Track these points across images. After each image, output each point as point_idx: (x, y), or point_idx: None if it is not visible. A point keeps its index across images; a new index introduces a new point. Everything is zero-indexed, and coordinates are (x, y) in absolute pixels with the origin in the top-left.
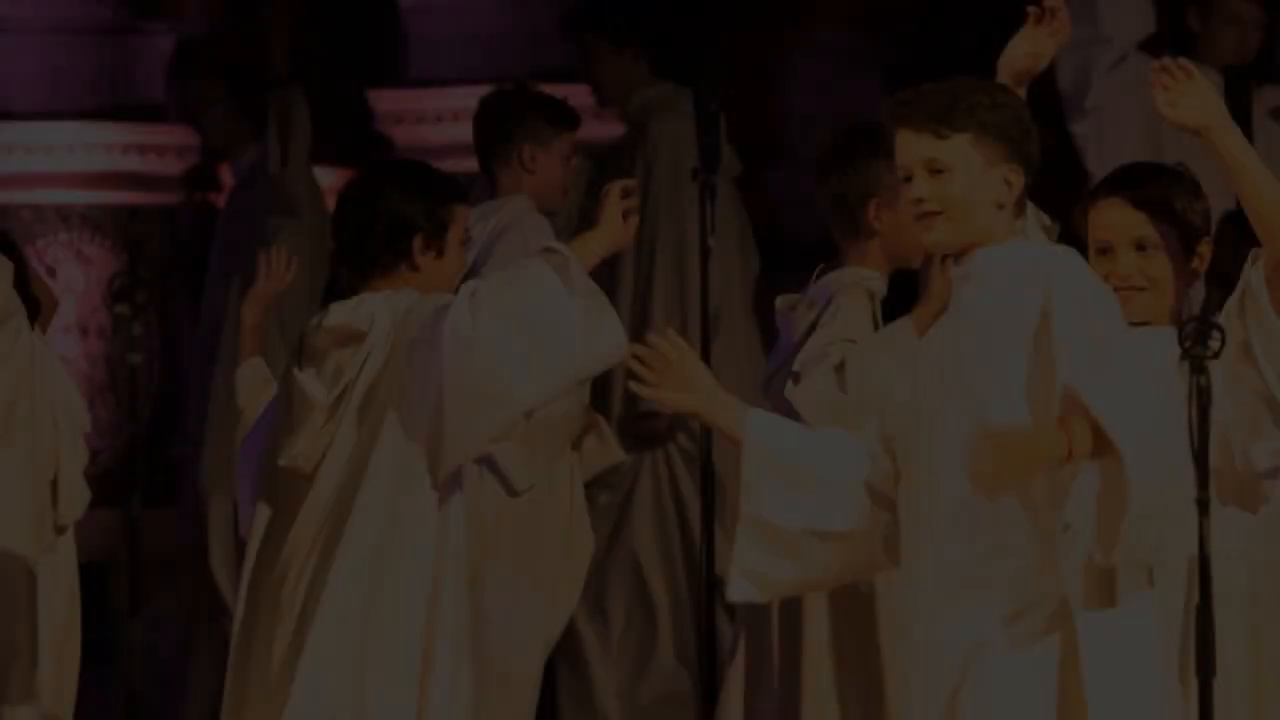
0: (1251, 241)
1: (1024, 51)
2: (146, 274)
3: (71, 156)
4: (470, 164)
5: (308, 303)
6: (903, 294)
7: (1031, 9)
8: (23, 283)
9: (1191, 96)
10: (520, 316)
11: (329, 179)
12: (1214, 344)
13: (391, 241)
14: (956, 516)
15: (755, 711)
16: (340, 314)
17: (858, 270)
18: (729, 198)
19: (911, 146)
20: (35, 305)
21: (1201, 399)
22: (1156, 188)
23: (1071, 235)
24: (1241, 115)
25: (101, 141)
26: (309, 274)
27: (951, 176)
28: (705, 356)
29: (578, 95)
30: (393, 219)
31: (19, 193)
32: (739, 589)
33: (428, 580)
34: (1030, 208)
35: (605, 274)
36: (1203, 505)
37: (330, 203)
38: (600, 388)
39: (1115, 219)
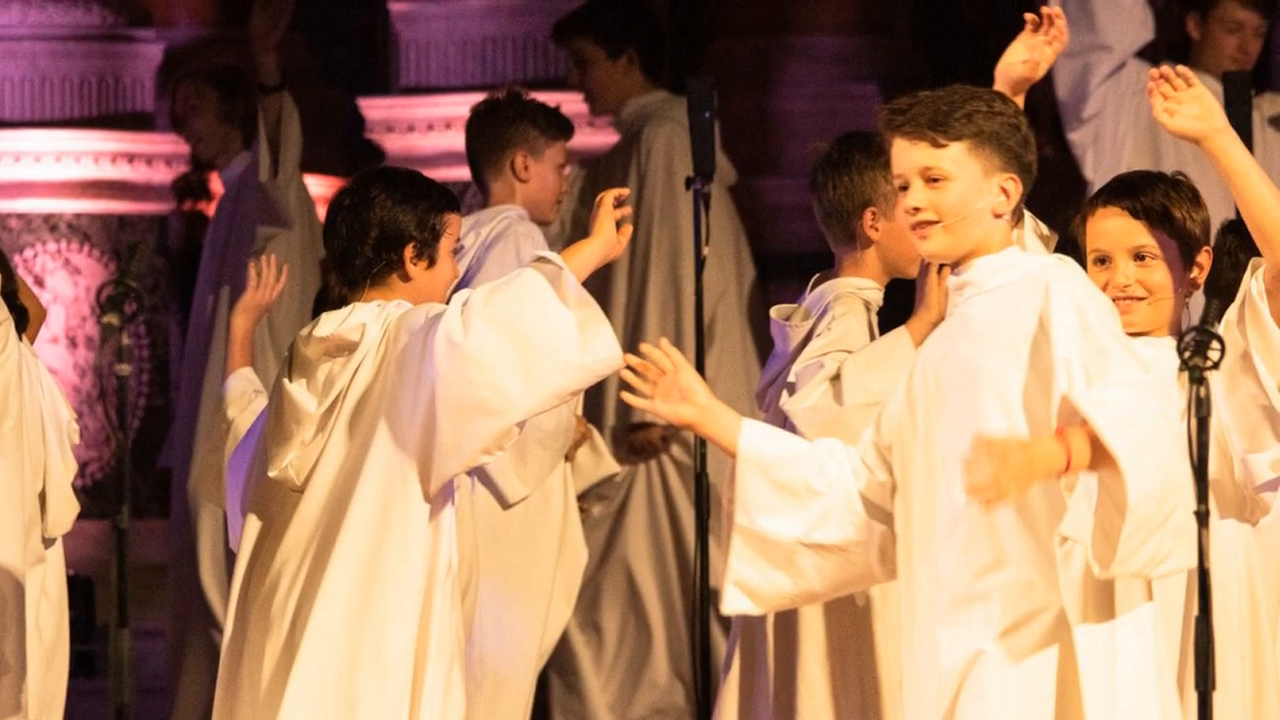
0: (1251, 250)
1: (1021, 59)
2: (135, 283)
3: (60, 165)
4: (462, 172)
5: (298, 312)
6: (899, 303)
7: (1029, 16)
8: (10, 293)
9: (1190, 104)
10: (513, 327)
11: (320, 188)
12: (1213, 354)
13: (383, 251)
14: (953, 528)
15: None
16: (331, 324)
17: (854, 280)
18: (723, 206)
19: (908, 155)
20: (23, 315)
21: (1200, 410)
22: (1155, 197)
23: (1069, 244)
24: (1241, 123)
25: (90, 150)
26: (299, 283)
27: (948, 185)
28: (699, 366)
29: (570, 103)
30: (384, 228)
31: (7, 201)
32: (733, 601)
33: (419, 592)
34: (1028, 217)
35: (599, 283)
36: (1202, 518)
37: (321, 212)
38: (594, 398)
39: (1113, 228)
